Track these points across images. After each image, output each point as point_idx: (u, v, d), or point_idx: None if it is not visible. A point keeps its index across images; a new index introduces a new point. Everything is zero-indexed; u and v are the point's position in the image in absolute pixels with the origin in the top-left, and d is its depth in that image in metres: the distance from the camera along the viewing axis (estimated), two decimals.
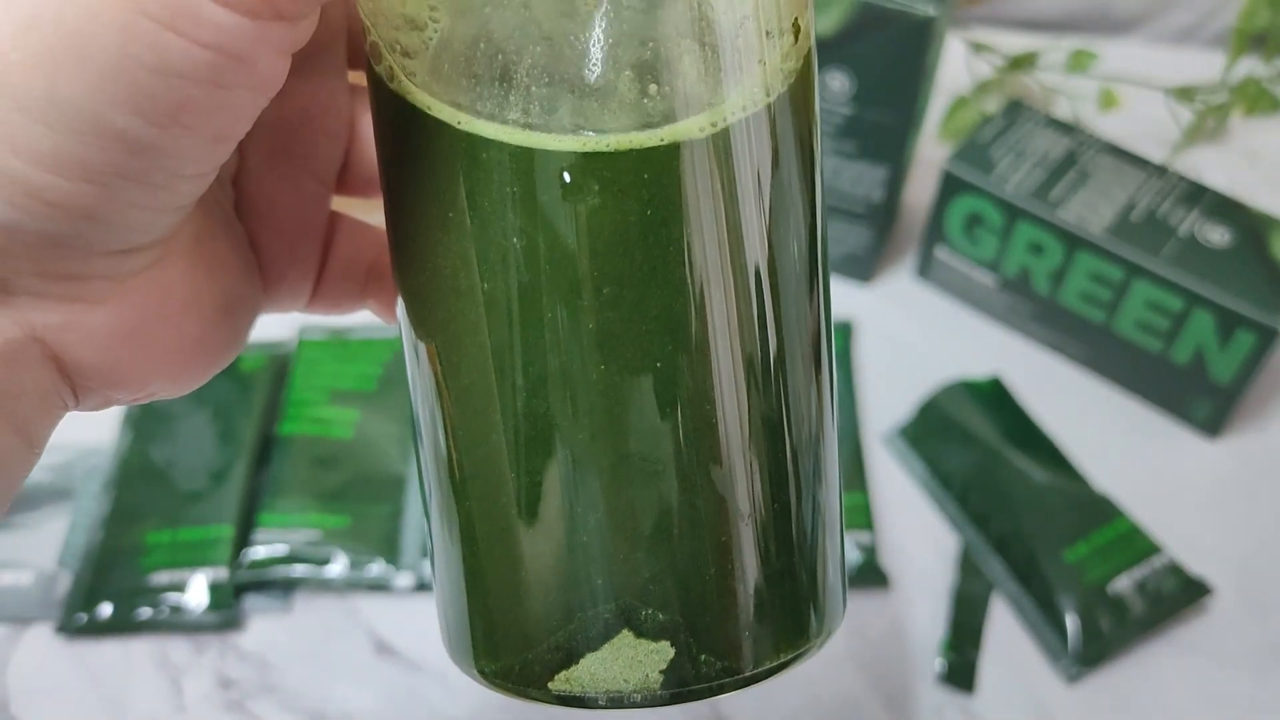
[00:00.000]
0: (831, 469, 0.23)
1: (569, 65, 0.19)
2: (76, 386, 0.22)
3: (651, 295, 0.20)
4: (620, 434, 0.21)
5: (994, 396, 0.59)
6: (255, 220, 0.25)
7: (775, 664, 0.22)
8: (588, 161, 0.19)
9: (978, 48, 0.74)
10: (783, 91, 0.21)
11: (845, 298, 0.64)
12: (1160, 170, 0.60)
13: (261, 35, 0.18)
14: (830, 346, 0.23)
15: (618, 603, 0.21)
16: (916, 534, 0.55)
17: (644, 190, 0.20)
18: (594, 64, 0.19)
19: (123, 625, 0.50)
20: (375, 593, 0.52)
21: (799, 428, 0.22)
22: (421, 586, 0.52)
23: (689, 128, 0.20)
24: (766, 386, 0.21)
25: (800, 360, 0.22)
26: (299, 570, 0.52)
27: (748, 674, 0.22)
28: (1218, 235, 0.57)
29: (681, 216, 0.20)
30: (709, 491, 0.21)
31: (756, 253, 0.21)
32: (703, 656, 0.21)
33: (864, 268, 0.65)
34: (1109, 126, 0.72)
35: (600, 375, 0.20)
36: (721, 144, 0.20)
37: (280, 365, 0.59)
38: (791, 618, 0.22)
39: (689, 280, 0.20)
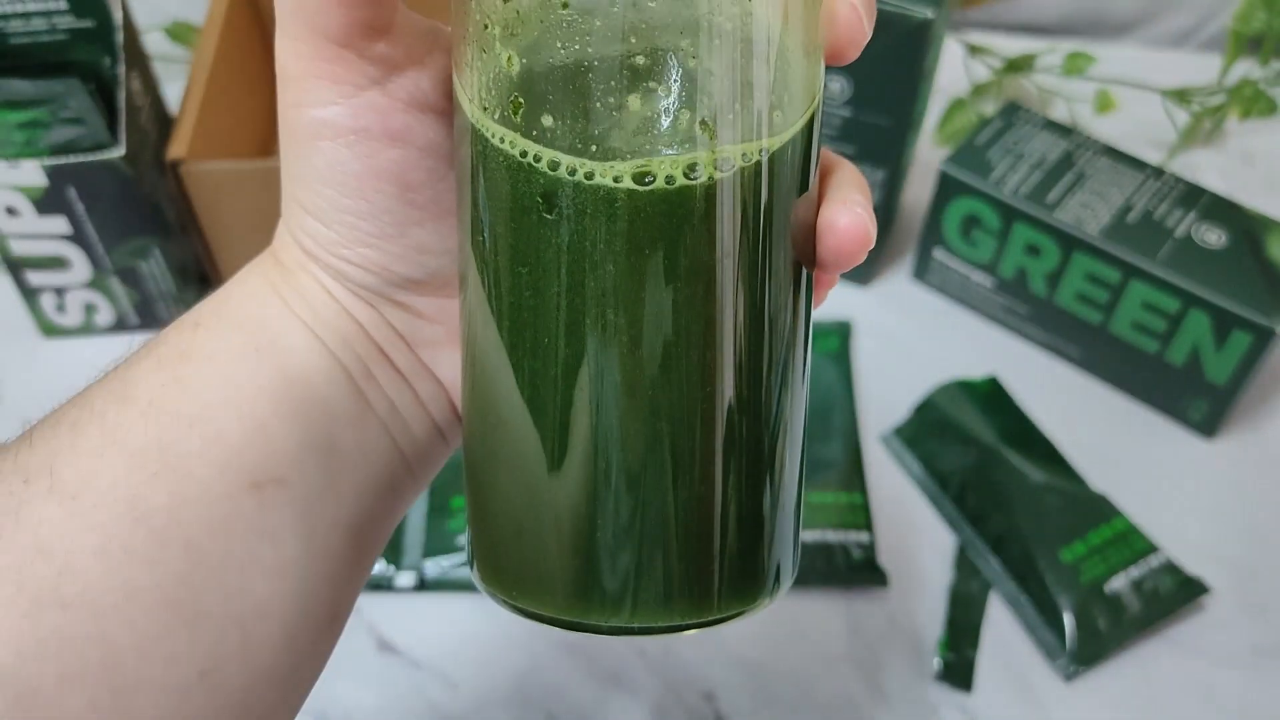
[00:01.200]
0: (798, 443, 0.27)
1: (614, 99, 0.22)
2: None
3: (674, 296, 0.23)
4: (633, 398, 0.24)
5: (991, 396, 0.59)
6: None
7: (734, 612, 0.26)
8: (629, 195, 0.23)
9: (975, 50, 0.75)
10: (800, 129, 0.24)
11: (843, 299, 0.65)
12: (1157, 172, 0.61)
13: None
14: (807, 348, 0.27)
15: (599, 542, 0.25)
16: (914, 533, 0.55)
17: (674, 215, 0.23)
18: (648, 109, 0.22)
19: None
20: (377, 592, 0.53)
21: (777, 420, 0.26)
22: (422, 585, 0.52)
23: (731, 156, 0.23)
24: (756, 366, 0.25)
25: (786, 352, 0.26)
26: None
27: (711, 618, 0.26)
28: (1214, 236, 0.57)
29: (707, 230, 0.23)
30: (692, 454, 0.24)
31: (766, 257, 0.24)
32: (673, 597, 0.25)
33: (862, 269, 0.65)
34: (1106, 128, 0.72)
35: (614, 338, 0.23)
36: (751, 175, 0.23)
37: None
38: (751, 570, 0.26)
39: (714, 281, 0.23)
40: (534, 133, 0.23)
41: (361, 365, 0.27)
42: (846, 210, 0.25)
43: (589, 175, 0.22)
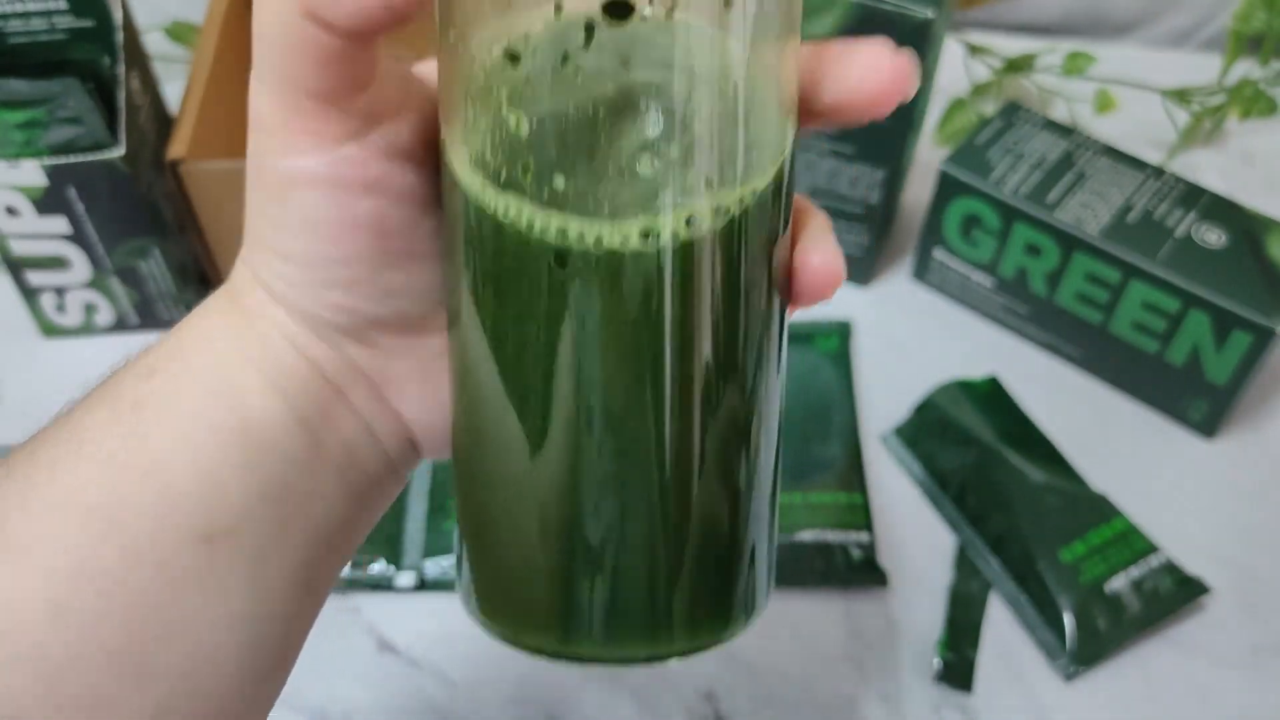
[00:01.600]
0: (770, 476, 0.28)
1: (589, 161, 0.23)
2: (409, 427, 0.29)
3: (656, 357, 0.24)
4: (614, 437, 0.25)
5: (991, 396, 0.59)
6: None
7: (709, 641, 0.27)
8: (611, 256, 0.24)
9: (975, 50, 0.75)
10: (770, 185, 0.25)
11: (843, 299, 0.65)
12: (1157, 172, 0.61)
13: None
14: (782, 381, 0.28)
15: (581, 570, 0.26)
16: (913, 533, 0.55)
17: (647, 274, 0.24)
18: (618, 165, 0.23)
19: None
20: (377, 592, 0.53)
21: (753, 444, 0.27)
22: (422, 585, 0.52)
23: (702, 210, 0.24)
24: (729, 401, 0.26)
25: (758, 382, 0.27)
26: None
27: (689, 647, 0.27)
28: (1214, 236, 0.57)
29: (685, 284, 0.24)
30: (667, 484, 0.25)
31: (739, 307, 0.25)
32: (657, 627, 0.26)
33: (862, 269, 0.65)
34: (1106, 128, 0.72)
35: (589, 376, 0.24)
36: (725, 232, 0.24)
37: None
38: (726, 602, 0.27)
39: (691, 335, 0.25)
40: (509, 190, 0.24)
41: (318, 409, 0.27)
42: (819, 251, 0.26)
43: (564, 232, 0.23)
